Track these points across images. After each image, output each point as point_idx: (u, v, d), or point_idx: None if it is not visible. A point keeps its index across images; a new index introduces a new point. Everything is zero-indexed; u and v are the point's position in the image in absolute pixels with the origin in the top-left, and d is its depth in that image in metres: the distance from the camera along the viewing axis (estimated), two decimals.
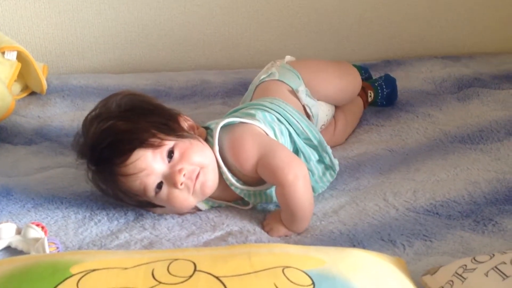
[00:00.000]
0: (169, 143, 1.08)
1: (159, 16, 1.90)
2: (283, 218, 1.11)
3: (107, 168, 1.07)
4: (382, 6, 2.00)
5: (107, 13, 1.87)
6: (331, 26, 2.00)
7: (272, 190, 1.16)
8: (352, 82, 1.48)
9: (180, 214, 1.15)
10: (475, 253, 1.01)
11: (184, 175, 1.07)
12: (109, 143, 1.05)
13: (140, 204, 1.13)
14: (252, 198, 1.17)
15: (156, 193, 1.08)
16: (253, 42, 1.98)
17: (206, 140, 1.17)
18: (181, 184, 1.07)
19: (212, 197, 1.16)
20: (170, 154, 1.08)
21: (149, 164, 1.06)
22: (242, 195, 1.16)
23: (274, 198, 1.16)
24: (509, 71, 1.85)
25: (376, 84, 1.61)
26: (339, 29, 2.00)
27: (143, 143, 1.05)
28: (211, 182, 1.12)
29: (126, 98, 1.13)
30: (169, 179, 1.07)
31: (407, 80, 1.75)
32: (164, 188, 1.08)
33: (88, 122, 1.11)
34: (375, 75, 1.81)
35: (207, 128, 1.20)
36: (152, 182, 1.07)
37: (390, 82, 1.62)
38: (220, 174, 1.14)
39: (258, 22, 1.96)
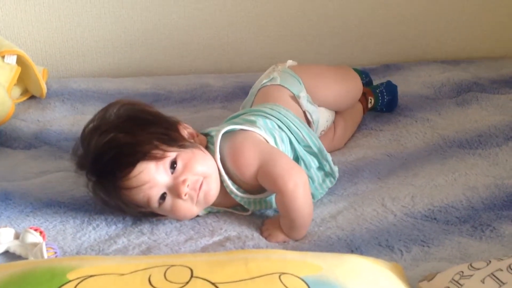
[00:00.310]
0: (171, 154, 1.08)
1: (159, 20, 1.91)
2: (282, 225, 1.11)
3: (109, 181, 1.06)
4: (381, 11, 2.00)
5: (107, 17, 1.88)
6: (330, 30, 2.00)
7: (272, 197, 1.16)
8: (353, 87, 1.48)
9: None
10: (472, 259, 1.01)
11: (187, 185, 1.07)
12: (111, 157, 1.05)
13: (143, 214, 1.13)
14: (252, 206, 1.17)
15: (160, 204, 1.08)
16: (253, 46, 1.99)
17: (207, 147, 1.17)
18: (185, 195, 1.07)
19: (212, 204, 1.15)
20: (173, 165, 1.08)
21: (152, 177, 1.05)
22: (242, 203, 1.16)
23: (274, 205, 1.16)
24: (508, 76, 1.85)
25: (377, 91, 1.60)
26: (338, 33, 2.01)
27: (146, 156, 1.05)
28: (214, 191, 1.12)
29: (124, 108, 1.12)
30: (173, 190, 1.07)
31: (406, 85, 1.76)
32: (168, 199, 1.08)
33: (88, 134, 1.10)
34: (375, 79, 1.81)
35: (206, 134, 1.20)
36: (155, 194, 1.07)
37: (391, 89, 1.62)
38: (221, 181, 1.14)
39: (258, 26, 1.96)
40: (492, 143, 1.44)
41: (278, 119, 1.23)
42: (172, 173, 1.08)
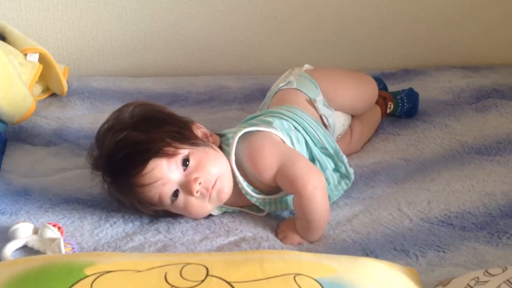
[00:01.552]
0: (183, 151, 1.09)
1: (179, 21, 1.92)
2: (298, 227, 1.11)
3: (123, 179, 1.08)
4: (401, 15, 1.99)
5: (128, 18, 1.89)
6: (349, 34, 2.00)
7: (288, 198, 1.16)
8: (369, 91, 1.48)
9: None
10: (489, 266, 1.00)
11: (200, 183, 1.08)
12: (124, 155, 1.06)
13: (157, 213, 1.14)
14: (267, 206, 1.17)
15: (172, 201, 1.09)
16: (272, 48, 1.99)
17: (221, 148, 1.17)
18: (197, 192, 1.08)
19: (225, 203, 1.16)
20: (185, 162, 1.09)
21: (164, 173, 1.06)
22: (257, 204, 1.17)
23: (290, 206, 1.16)
24: None
25: (398, 97, 1.59)
26: (357, 37, 2.00)
27: (158, 153, 1.06)
28: (227, 189, 1.12)
29: (138, 108, 1.13)
30: (185, 187, 1.08)
31: (425, 90, 1.74)
32: (181, 196, 1.09)
33: (102, 134, 1.12)
34: (393, 83, 1.80)
35: (222, 135, 1.21)
36: (168, 190, 1.08)
37: (412, 97, 1.60)
38: (235, 181, 1.14)
39: (277, 29, 1.97)
40: (511, 150, 1.42)
41: (294, 120, 1.24)
42: (184, 170, 1.08)
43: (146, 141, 1.07)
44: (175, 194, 1.09)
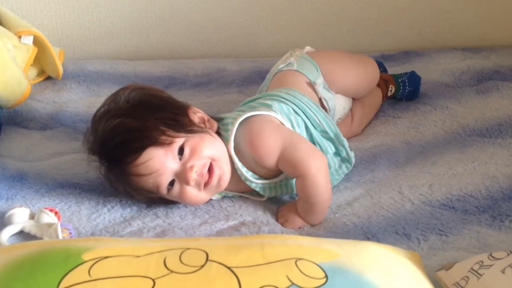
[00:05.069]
0: (179, 140, 1.07)
1: (176, 3, 1.90)
2: (300, 210, 1.10)
3: (118, 167, 1.06)
4: None
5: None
6: (350, 16, 1.98)
7: (288, 182, 1.15)
8: (370, 73, 1.46)
9: None
10: (491, 249, 1.00)
11: (195, 171, 1.07)
12: (118, 142, 1.04)
13: (152, 200, 1.13)
14: (267, 191, 1.16)
15: (168, 190, 1.08)
16: (271, 30, 1.97)
17: (219, 133, 1.15)
18: (192, 181, 1.07)
19: (225, 188, 1.14)
20: (181, 151, 1.07)
21: (161, 164, 1.05)
22: (257, 189, 1.15)
23: (289, 191, 1.15)
24: None
25: (399, 80, 1.57)
26: (358, 19, 1.98)
27: (154, 142, 1.04)
28: (226, 175, 1.11)
29: (134, 93, 1.11)
30: (181, 177, 1.07)
31: (425, 72, 1.73)
32: (176, 185, 1.08)
33: (97, 118, 1.10)
34: (393, 65, 1.78)
35: (220, 119, 1.19)
36: (164, 180, 1.06)
37: (414, 80, 1.58)
38: (233, 167, 1.13)
39: (276, 10, 1.95)
40: None
41: (294, 104, 1.22)
42: (180, 159, 1.07)
43: (140, 128, 1.05)
44: (171, 183, 1.07)
